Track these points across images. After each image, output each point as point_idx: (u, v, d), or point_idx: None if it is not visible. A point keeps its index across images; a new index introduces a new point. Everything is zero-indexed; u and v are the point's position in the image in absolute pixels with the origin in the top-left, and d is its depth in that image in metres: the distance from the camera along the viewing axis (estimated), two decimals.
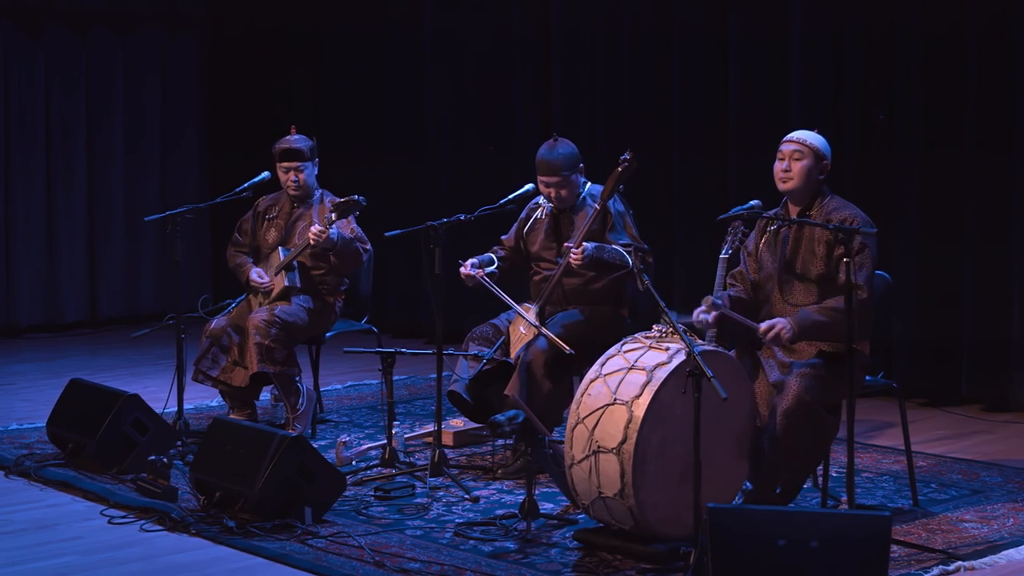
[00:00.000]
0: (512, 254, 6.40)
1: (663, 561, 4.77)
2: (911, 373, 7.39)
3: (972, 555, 4.88)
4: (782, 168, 5.30)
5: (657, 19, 8.38)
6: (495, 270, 6.27)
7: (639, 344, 5.00)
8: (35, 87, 9.98)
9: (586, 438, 4.86)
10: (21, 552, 5.08)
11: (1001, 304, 7.17)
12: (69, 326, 10.17)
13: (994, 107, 7.12)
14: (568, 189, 6.16)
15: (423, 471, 5.89)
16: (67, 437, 6.19)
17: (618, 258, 5.95)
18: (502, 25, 9.14)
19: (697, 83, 8.22)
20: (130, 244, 10.47)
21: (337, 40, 10.12)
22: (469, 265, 6.17)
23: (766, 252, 5.37)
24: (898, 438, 5.73)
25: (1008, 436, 6.76)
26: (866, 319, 5.20)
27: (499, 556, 4.92)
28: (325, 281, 6.80)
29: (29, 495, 5.81)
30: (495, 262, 6.31)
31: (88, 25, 10.20)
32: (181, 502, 5.49)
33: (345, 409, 7.44)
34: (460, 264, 6.18)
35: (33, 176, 10.02)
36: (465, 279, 6.17)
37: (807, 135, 5.36)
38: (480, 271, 6.16)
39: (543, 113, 8.97)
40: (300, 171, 6.78)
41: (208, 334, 6.70)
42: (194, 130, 10.75)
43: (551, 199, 6.19)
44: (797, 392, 5.03)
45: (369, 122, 9.91)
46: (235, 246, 7.01)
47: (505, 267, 6.36)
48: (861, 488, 5.69)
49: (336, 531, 5.18)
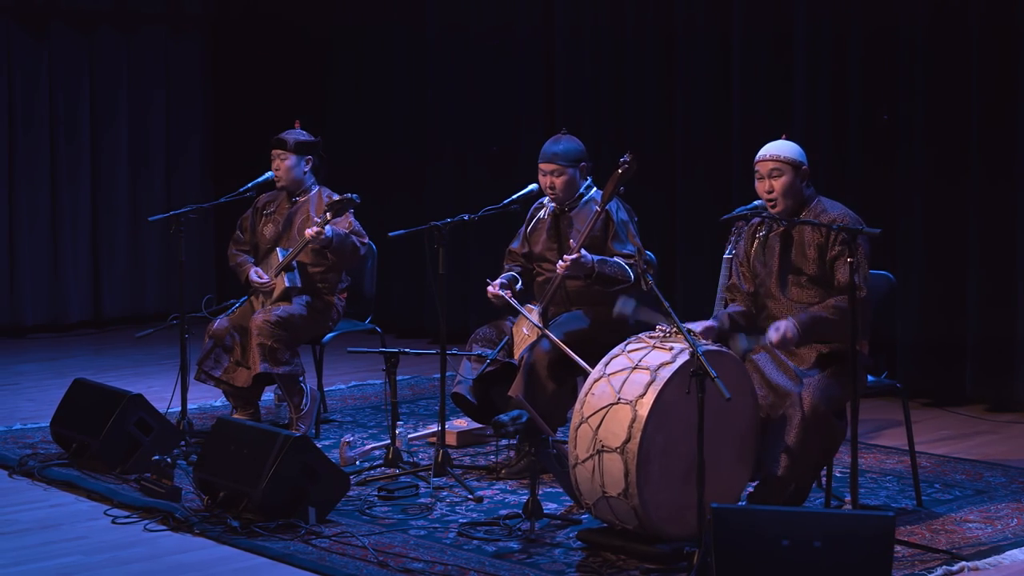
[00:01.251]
0: (524, 263, 6.39)
1: (667, 561, 4.77)
2: (915, 373, 7.38)
3: (976, 555, 4.88)
4: (765, 190, 5.27)
5: (661, 19, 8.38)
6: (521, 286, 6.27)
7: (643, 344, 5.00)
8: (39, 87, 10.00)
9: (590, 438, 4.86)
10: (25, 552, 5.08)
11: (1005, 304, 7.16)
12: (73, 326, 10.18)
13: (999, 107, 7.12)
14: (564, 181, 6.14)
15: (427, 471, 5.89)
16: (71, 437, 6.19)
17: (619, 272, 5.96)
18: (506, 25, 9.14)
19: (700, 84, 8.22)
20: (134, 244, 10.48)
21: (342, 40, 10.12)
22: (497, 286, 6.14)
23: (757, 261, 5.36)
24: (902, 438, 5.73)
25: (1012, 436, 6.76)
26: (866, 318, 5.20)
27: (503, 556, 4.92)
28: (325, 279, 6.81)
29: (33, 495, 5.81)
30: (519, 280, 6.30)
31: (93, 25, 10.21)
32: (185, 502, 5.49)
33: (349, 409, 7.44)
34: (488, 283, 6.15)
35: (37, 176, 10.03)
36: (492, 298, 6.14)
37: (780, 149, 5.28)
38: (508, 291, 6.13)
39: (547, 113, 8.97)
40: (283, 160, 6.79)
41: (211, 334, 6.70)
42: (198, 130, 10.76)
43: (547, 189, 6.19)
44: (812, 403, 5.01)
45: (373, 121, 9.91)
46: (236, 243, 7.02)
47: (524, 280, 6.35)
48: (865, 488, 5.69)
49: (340, 531, 5.18)
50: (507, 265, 6.40)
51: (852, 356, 4.91)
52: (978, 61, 7.16)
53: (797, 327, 5.09)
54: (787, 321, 5.12)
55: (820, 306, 5.17)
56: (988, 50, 7.13)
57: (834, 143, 7.65)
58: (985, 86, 7.15)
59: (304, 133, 6.88)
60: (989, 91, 7.14)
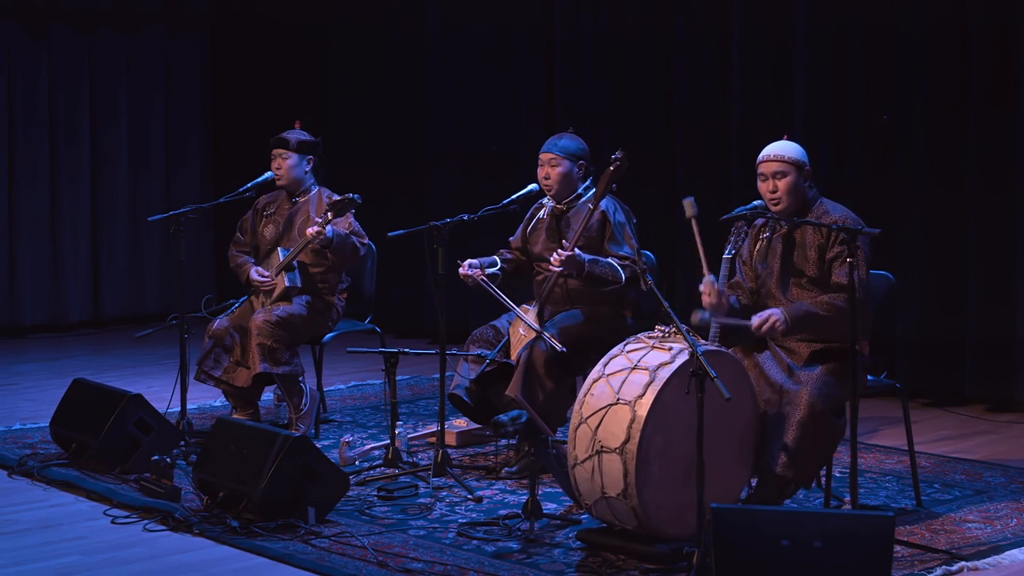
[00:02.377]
0: (518, 255, 6.40)
1: (666, 561, 4.77)
2: (915, 373, 7.38)
3: (975, 555, 4.88)
4: (769, 190, 5.28)
5: (661, 19, 8.38)
6: (497, 271, 6.26)
7: (642, 344, 5.00)
8: (39, 87, 9.99)
9: (589, 438, 4.86)
10: (25, 552, 5.08)
11: (1005, 304, 7.16)
12: (73, 326, 10.18)
13: (998, 106, 7.12)
14: (560, 173, 6.14)
15: (426, 471, 5.90)
16: (71, 437, 6.19)
17: (610, 273, 5.96)
18: (506, 24, 9.14)
19: (700, 85, 8.22)
20: (134, 244, 10.48)
21: (341, 40, 10.12)
22: (467, 265, 6.15)
23: (759, 262, 5.37)
24: (901, 438, 5.73)
25: (1012, 436, 6.76)
26: (864, 318, 5.20)
27: (502, 556, 4.92)
28: (325, 279, 6.81)
29: (33, 495, 5.81)
30: (498, 264, 6.30)
31: (92, 26, 10.21)
32: (184, 502, 5.49)
33: (348, 409, 7.44)
34: (459, 264, 6.17)
35: (37, 176, 10.03)
36: (463, 278, 6.16)
37: (783, 149, 5.30)
38: (479, 272, 6.14)
39: (547, 113, 8.97)
40: (284, 159, 6.80)
41: (210, 335, 6.70)
42: (198, 130, 10.76)
43: (542, 180, 6.19)
44: (809, 401, 5.02)
45: (373, 121, 9.91)
46: (236, 245, 7.02)
47: (510, 269, 6.35)
48: (864, 488, 5.69)
49: (339, 531, 5.18)
50: (501, 250, 6.40)
51: (852, 356, 4.91)
52: (978, 61, 7.16)
53: (787, 317, 5.09)
54: (776, 310, 5.12)
55: (813, 301, 5.17)
56: (987, 50, 7.13)
57: (834, 143, 7.65)
58: (985, 86, 7.15)
59: (305, 133, 6.88)
60: (989, 91, 7.14)
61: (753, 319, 5.13)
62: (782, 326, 5.09)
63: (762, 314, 5.13)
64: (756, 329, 5.12)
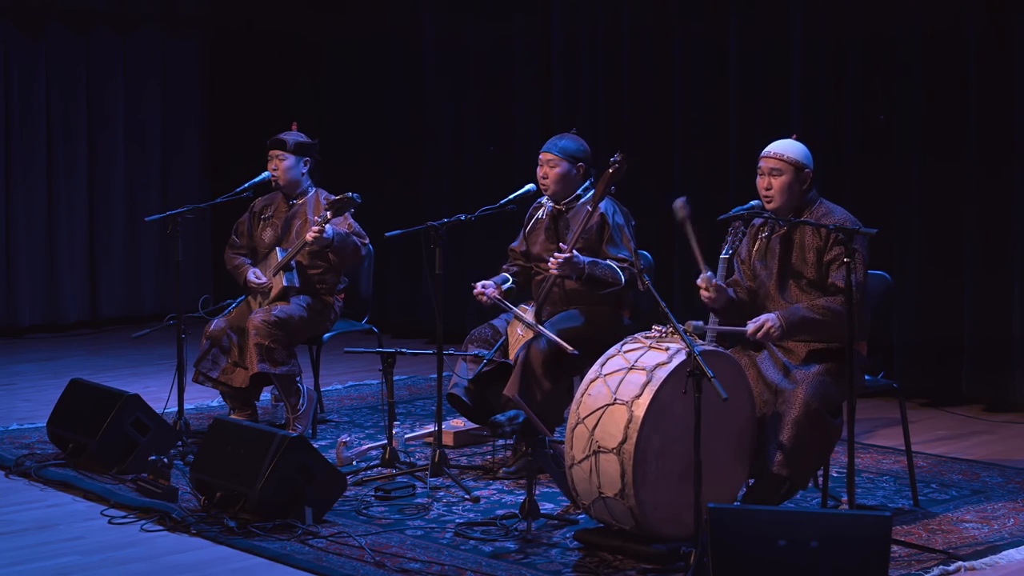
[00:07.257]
0: (523, 263, 6.39)
1: (664, 561, 4.77)
2: (912, 373, 7.39)
3: (972, 555, 4.88)
4: (764, 186, 5.28)
5: (658, 22, 8.38)
6: (512, 286, 6.27)
7: (639, 344, 5.00)
8: (36, 87, 9.99)
9: (586, 438, 4.86)
10: (22, 552, 5.08)
11: (1002, 304, 7.17)
12: (70, 326, 10.18)
13: (995, 108, 7.12)
14: (558, 173, 6.14)
15: (423, 471, 5.90)
16: (68, 437, 6.19)
17: (610, 275, 5.96)
18: (503, 26, 9.14)
19: (698, 86, 8.22)
20: (131, 244, 10.47)
21: (339, 40, 10.12)
22: (481, 285, 6.14)
23: (758, 262, 5.37)
24: (898, 438, 5.74)
25: (1008, 436, 6.76)
26: (862, 320, 5.20)
27: (499, 556, 4.92)
28: (324, 280, 6.81)
29: (30, 495, 5.81)
30: (509, 280, 6.30)
31: (89, 25, 10.20)
32: (182, 502, 5.49)
33: (346, 409, 7.44)
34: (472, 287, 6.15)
35: (34, 176, 10.02)
36: (477, 297, 6.14)
37: (785, 148, 5.29)
38: (496, 291, 6.13)
39: (544, 114, 8.97)
40: (281, 160, 6.80)
41: (207, 335, 6.70)
42: (195, 130, 10.76)
43: (540, 180, 6.19)
44: (805, 400, 5.02)
45: (370, 121, 9.91)
46: (232, 247, 7.02)
47: (520, 280, 6.35)
48: (862, 488, 5.69)
49: (337, 531, 5.18)
50: (505, 265, 6.40)
51: (849, 357, 4.92)
52: (975, 62, 7.16)
53: (782, 323, 5.09)
54: (771, 315, 5.12)
55: (809, 305, 5.17)
56: (985, 52, 7.14)
57: (832, 144, 7.65)
58: (982, 88, 7.15)
59: (301, 135, 6.88)
60: (986, 92, 7.15)
61: (748, 325, 5.13)
62: (777, 331, 5.09)
63: (757, 320, 5.13)
64: (751, 335, 5.12)
